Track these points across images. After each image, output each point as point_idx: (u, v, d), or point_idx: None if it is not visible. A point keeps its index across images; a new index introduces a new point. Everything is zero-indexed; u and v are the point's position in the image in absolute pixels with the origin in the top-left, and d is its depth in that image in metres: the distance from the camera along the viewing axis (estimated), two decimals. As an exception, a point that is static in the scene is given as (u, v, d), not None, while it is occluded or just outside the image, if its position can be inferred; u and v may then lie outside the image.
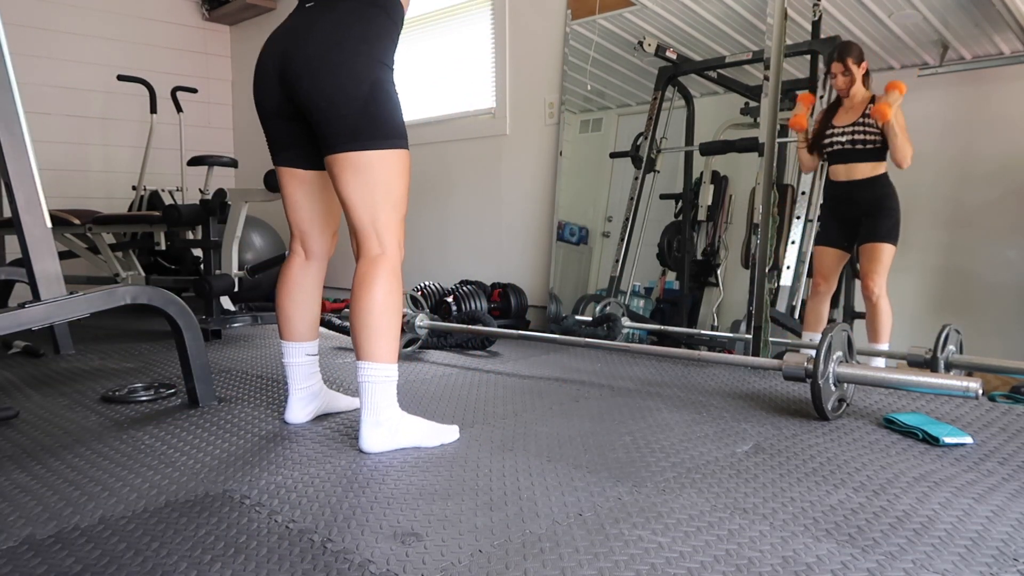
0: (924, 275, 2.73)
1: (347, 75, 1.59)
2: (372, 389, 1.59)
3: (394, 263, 1.64)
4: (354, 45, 1.61)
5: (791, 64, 2.91)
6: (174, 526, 1.21)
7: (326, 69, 1.59)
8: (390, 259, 1.64)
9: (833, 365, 1.85)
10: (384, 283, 1.61)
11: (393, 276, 1.63)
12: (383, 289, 1.61)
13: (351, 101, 1.58)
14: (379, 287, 1.61)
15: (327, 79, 1.59)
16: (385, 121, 1.61)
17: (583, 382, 2.37)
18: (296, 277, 1.84)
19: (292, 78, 1.63)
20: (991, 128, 2.59)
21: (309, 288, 1.85)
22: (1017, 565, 1.06)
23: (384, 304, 1.61)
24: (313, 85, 1.60)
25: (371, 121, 1.60)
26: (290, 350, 1.83)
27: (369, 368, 1.59)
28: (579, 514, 1.25)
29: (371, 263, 1.63)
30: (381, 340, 1.60)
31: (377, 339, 1.60)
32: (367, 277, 1.62)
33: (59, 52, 4.83)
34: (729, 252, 3.09)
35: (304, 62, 1.61)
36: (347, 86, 1.58)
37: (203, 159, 3.98)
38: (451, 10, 4.14)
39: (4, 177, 1.75)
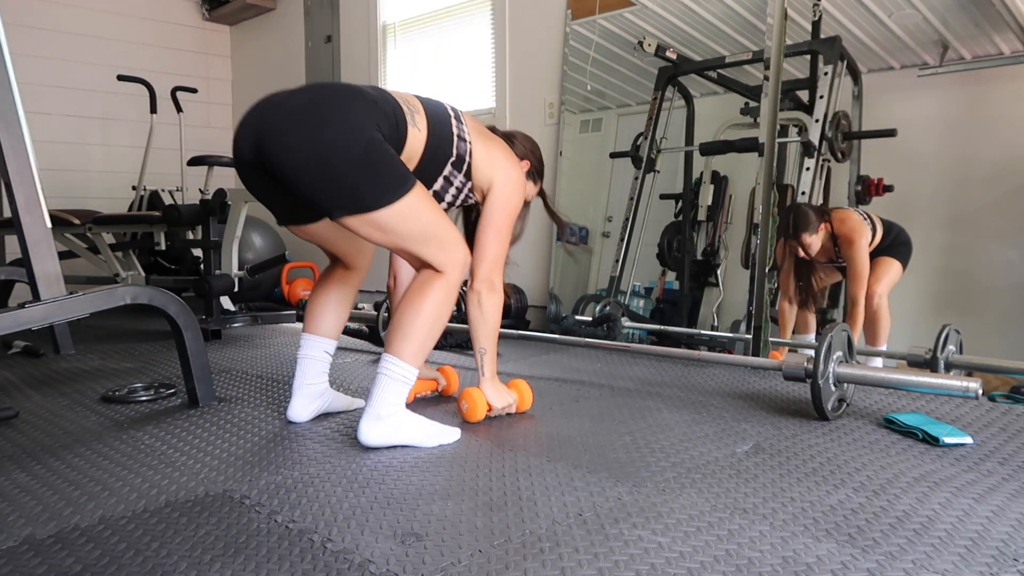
0: (924, 275, 2.73)
1: (337, 132, 1.46)
2: (387, 383, 1.59)
3: (452, 281, 1.63)
4: (349, 103, 1.52)
5: (791, 64, 2.91)
6: (174, 526, 1.21)
7: (314, 121, 1.47)
8: (449, 277, 1.63)
9: (833, 365, 1.85)
10: (437, 295, 1.61)
11: (448, 292, 1.63)
12: (434, 300, 1.61)
13: (345, 162, 1.46)
14: (431, 297, 1.61)
15: (315, 135, 1.46)
16: (386, 176, 1.52)
17: (583, 382, 2.37)
18: (339, 277, 1.88)
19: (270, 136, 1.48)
20: (991, 128, 2.59)
21: (345, 292, 1.88)
22: (1017, 565, 1.06)
23: (431, 313, 1.61)
24: (299, 140, 1.46)
25: (373, 181, 1.49)
26: (309, 343, 1.84)
27: (392, 363, 1.59)
28: (579, 514, 1.25)
29: (432, 275, 1.63)
30: (413, 343, 1.60)
31: (411, 341, 1.60)
32: (425, 284, 1.62)
33: (59, 52, 4.83)
34: (729, 252, 3.09)
35: (287, 115, 1.49)
36: (338, 144, 1.46)
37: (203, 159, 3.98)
38: (451, 10, 4.14)
39: (4, 177, 1.75)
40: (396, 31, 4.50)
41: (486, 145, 1.82)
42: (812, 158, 2.83)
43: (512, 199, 1.83)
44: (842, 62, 2.81)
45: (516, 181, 1.84)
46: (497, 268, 1.82)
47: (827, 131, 2.81)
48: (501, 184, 1.81)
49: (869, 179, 2.85)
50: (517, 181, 1.85)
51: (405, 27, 4.44)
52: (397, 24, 4.49)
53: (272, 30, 5.35)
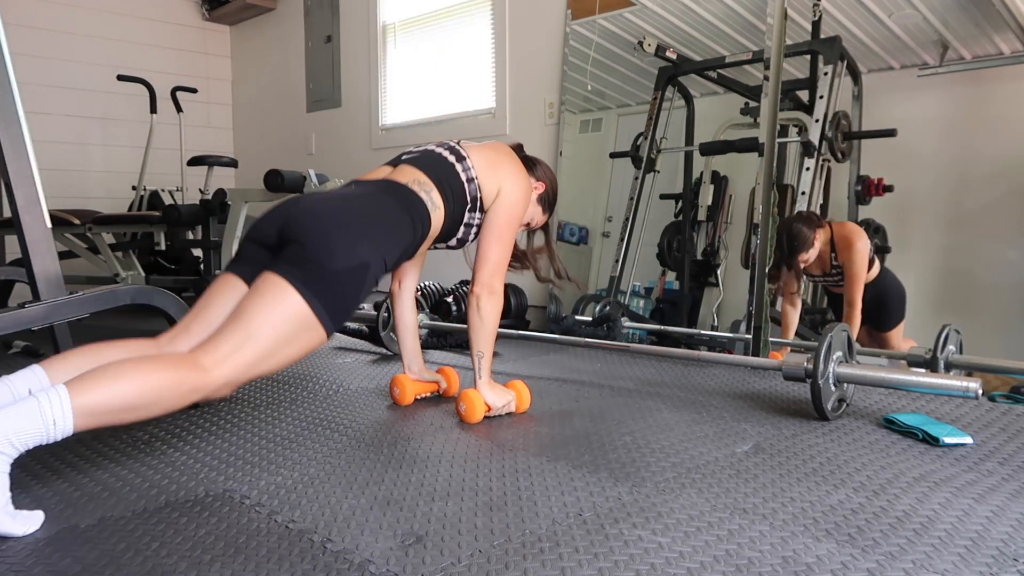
0: (924, 275, 2.73)
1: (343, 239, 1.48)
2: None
3: (189, 380, 1.31)
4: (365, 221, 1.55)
5: (791, 64, 2.91)
6: (174, 526, 1.21)
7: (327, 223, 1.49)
8: (201, 374, 1.33)
9: (833, 365, 1.85)
10: (157, 378, 1.29)
11: (175, 382, 1.30)
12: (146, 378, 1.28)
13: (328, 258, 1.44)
14: (144, 375, 1.28)
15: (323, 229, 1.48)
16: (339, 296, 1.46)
17: (583, 382, 2.37)
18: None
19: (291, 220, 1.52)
20: (991, 128, 2.59)
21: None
22: (1017, 565, 1.06)
23: (132, 387, 1.25)
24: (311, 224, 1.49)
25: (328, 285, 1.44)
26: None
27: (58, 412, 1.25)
28: (579, 514, 1.25)
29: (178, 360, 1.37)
30: (97, 395, 1.22)
31: (96, 392, 1.22)
32: (154, 361, 1.33)
33: (59, 52, 4.83)
34: (729, 252, 3.09)
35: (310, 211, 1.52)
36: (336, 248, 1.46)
37: (203, 159, 3.98)
38: (451, 10, 4.14)
39: (4, 177, 1.75)
40: (396, 31, 4.50)
41: (488, 163, 1.85)
42: (812, 158, 2.83)
43: (517, 206, 1.86)
44: (842, 62, 2.81)
45: (522, 189, 1.88)
46: (498, 273, 1.83)
47: (827, 131, 2.81)
48: (507, 192, 1.84)
49: (869, 179, 2.85)
50: (523, 189, 1.88)
51: (405, 27, 4.44)
52: (397, 24, 4.49)
53: (272, 30, 5.35)
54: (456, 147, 1.85)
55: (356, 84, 4.71)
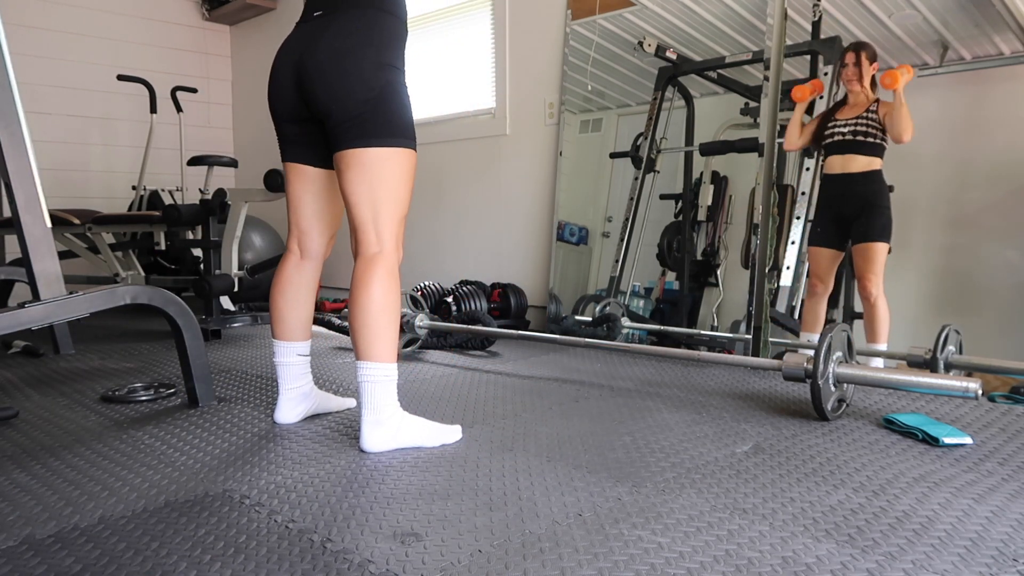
0: (924, 276, 2.73)
1: (357, 80, 1.62)
2: (372, 389, 1.59)
3: (391, 262, 1.65)
4: (363, 51, 1.64)
5: (791, 64, 2.91)
6: (174, 526, 1.21)
7: (337, 76, 1.63)
8: (387, 258, 1.64)
9: (833, 365, 1.85)
10: (381, 282, 1.61)
11: (390, 275, 1.63)
12: (381, 288, 1.61)
13: (362, 103, 1.62)
14: (377, 286, 1.61)
15: (338, 85, 1.62)
16: (393, 120, 1.64)
17: (583, 382, 2.37)
18: (291, 276, 1.83)
19: (307, 85, 1.67)
20: (991, 128, 2.59)
21: (303, 288, 1.84)
22: (1017, 565, 1.06)
23: (382, 303, 1.61)
24: (326, 92, 1.63)
25: (380, 119, 1.63)
26: (281, 350, 1.83)
27: (368, 368, 1.59)
28: (579, 514, 1.25)
29: (368, 261, 1.63)
30: (379, 339, 1.60)
31: (375, 338, 1.60)
32: (365, 276, 1.62)
33: (59, 52, 4.83)
34: (729, 252, 3.09)
35: (316, 70, 1.65)
36: (357, 90, 1.62)
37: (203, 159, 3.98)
38: (451, 10, 4.14)
39: (4, 177, 1.75)
40: (396, 31, 4.49)
41: None
42: (812, 158, 2.83)
43: None
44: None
45: None
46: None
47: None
48: None
49: (869, 179, 2.85)
50: None
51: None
52: (397, 24, 4.48)
53: (272, 30, 5.35)
54: None
55: (356, 84, 4.70)
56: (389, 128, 1.64)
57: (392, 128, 1.64)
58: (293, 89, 1.71)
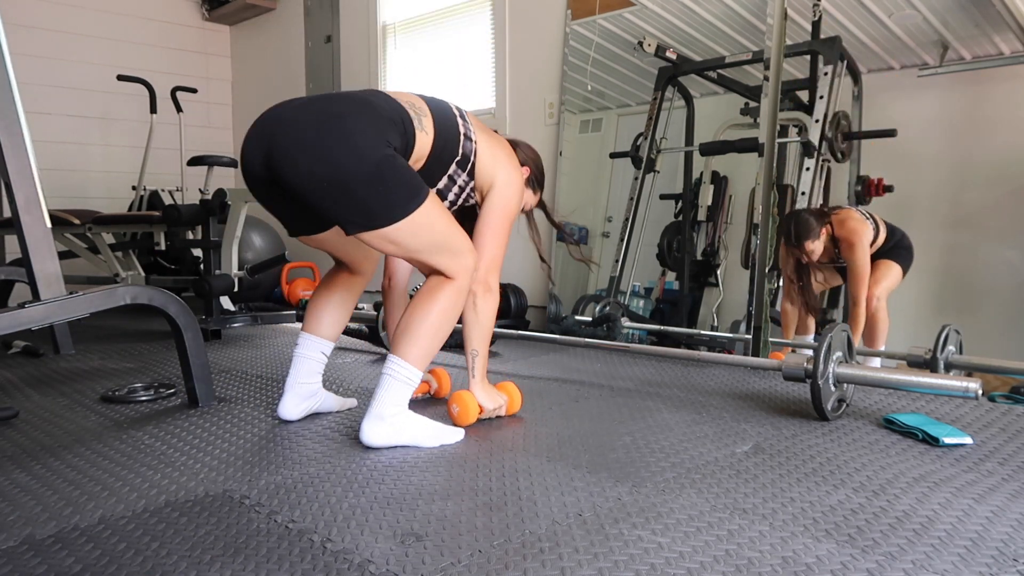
0: (924, 276, 2.73)
1: (350, 151, 1.47)
2: (390, 384, 1.60)
3: (461, 288, 1.65)
4: (355, 120, 1.52)
5: (791, 64, 2.91)
6: (174, 526, 1.21)
7: (325, 141, 1.47)
8: (459, 283, 1.64)
9: (833, 365, 1.85)
10: (446, 300, 1.63)
11: (456, 298, 1.64)
12: (443, 304, 1.62)
13: (357, 182, 1.48)
14: (440, 302, 1.62)
15: (327, 156, 1.47)
16: (399, 192, 1.52)
17: (583, 382, 2.37)
18: (343, 281, 1.89)
19: (281, 157, 1.50)
20: (991, 128, 2.59)
21: (349, 295, 1.90)
22: (1017, 565, 1.06)
23: (438, 317, 1.62)
24: (311, 161, 1.47)
25: (386, 199, 1.50)
26: (307, 342, 1.84)
27: (397, 364, 1.60)
28: (579, 514, 1.25)
29: (442, 280, 1.64)
30: (419, 346, 1.61)
31: (416, 343, 1.60)
32: (434, 289, 1.63)
33: (59, 52, 4.83)
34: (729, 252, 3.09)
35: (297, 134, 1.49)
36: (350, 164, 1.47)
37: (203, 159, 3.98)
38: (451, 10, 4.14)
39: (4, 177, 1.75)
40: (396, 31, 4.50)
41: (491, 144, 1.82)
42: (812, 158, 2.83)
43: (512, 199, 1.84)
44: (842, 62, 2.81)
45: (517, 183, 1.85)
46: (494, 270, 1.82)
47: (827, 131, 2.81)
48: (502, 185, 1.82)
49: (869, 179, 2.85)
50: (517, 184, 1.86)
51: (405, 27, 4.44)
52: (397, 24, 4.49)
53: (272, 30, 5.35)
54: (464, 111, 1.83)
55: (356, 84, 4.71)
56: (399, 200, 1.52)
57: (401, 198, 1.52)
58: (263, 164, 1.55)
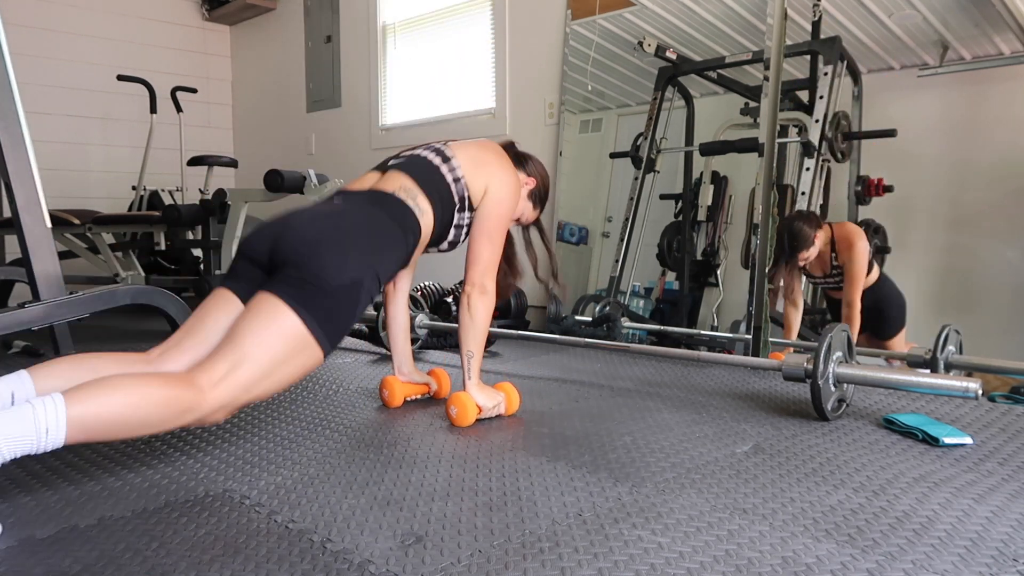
0: (924, 276, 2.73)
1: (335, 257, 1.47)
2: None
3: (184, 399, 1.28)
4: (356, 238, 1.54)
5: (791, 64, 2.91)
6: (174, 526, 1.21)
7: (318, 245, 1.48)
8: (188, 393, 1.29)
9: (833, 365, 1.85)
10: (149, 396, 1.25)
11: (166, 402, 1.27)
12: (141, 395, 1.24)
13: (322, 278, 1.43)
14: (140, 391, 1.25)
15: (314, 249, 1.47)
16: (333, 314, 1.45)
17: (583, 382, 2.37)
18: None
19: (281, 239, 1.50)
20: (991, 129, 2.59)
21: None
22: (1017, 565, 1.06)
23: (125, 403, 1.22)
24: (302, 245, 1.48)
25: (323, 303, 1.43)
26: None
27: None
28: (579, 514, 1.25)
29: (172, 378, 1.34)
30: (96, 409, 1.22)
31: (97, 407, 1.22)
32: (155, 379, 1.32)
33: (59, 52, 4.83)
34: (729, 252, 3.09)
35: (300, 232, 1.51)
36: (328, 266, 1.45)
37: (203, 159, 3.98)
38: (451, 10, 4.14)
39: (4, 177, 1.75)
40: (396, 31, 4.50)
41: (475, 161, 1.83)
42: (812, 158, 2.83)
43: (504, 203, 1.84)
44: (842, 62, 2.81)
45: (510, 186, 1.86)
46: (489, 273, 1.83)
47: (827, 131, 2.81)
48: (495, 190, 1.82)
49: (869, 179, 2.85)
50: (511, 186, 1.86)
51: (405, 27, 4.44)
52: (397, 24, 4.49)
53: (272, 30, 5.35)
54: (442, 148, 1.83)
55: (356, 84, 4.71)
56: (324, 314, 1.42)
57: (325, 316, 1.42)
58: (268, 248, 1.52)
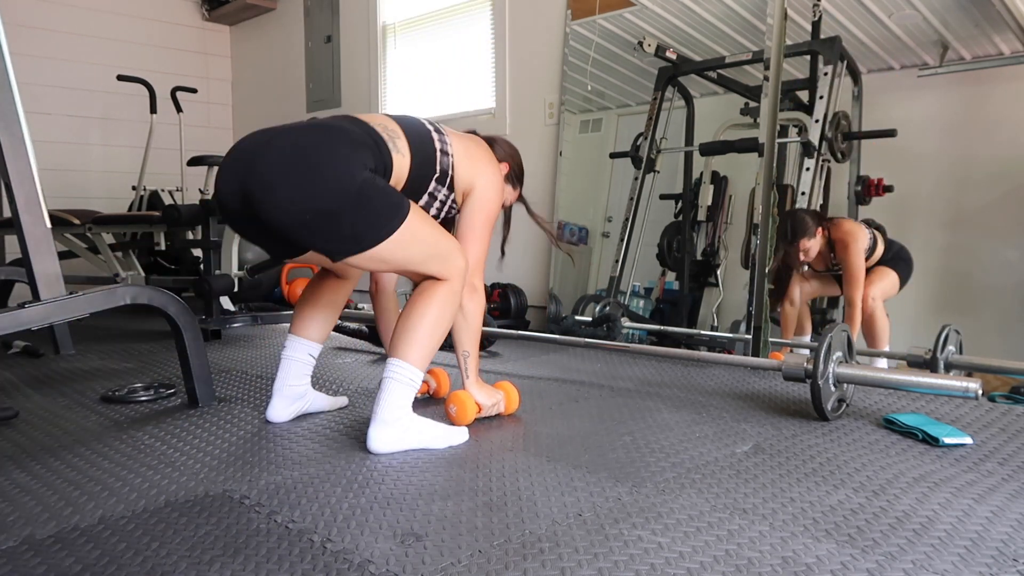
0: (924, 276, 2.73)
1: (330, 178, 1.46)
2: (392, 387, 1.59)
3: (455, 289, 1.64)
4: (330, 147, 1.50)
5: (791, 64, 2.91)
6: (174, 526, 1.21)
7: (303, 174, 1.45)
8: (452, 284, 1.64)
9: (833, 365, 1.85)
10: (441, 300, 1.62)
11: (451, 298, 1.64)
12: (438, 304, 1.62)
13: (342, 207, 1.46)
14: (435, 302, 1.62)
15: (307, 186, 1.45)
16: (383, 211, 1.52)
17: (583, 382, 2.37)
18: (330, 285, 1.89)
19: (259, 190, 1.46)
20: (991, 128, 2.59)
21: (337, 298, 1.89)
22: (1017, 565, 1.06)
23: (435, 317, 1.62)
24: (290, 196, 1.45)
25: (370, 220, 1.50)
26: (295, 345, 1.84)
27: (398, 366, 1.59)
28: (579, 514, 1.25)
29: (435, 283, 1.64)
30: (419, 346, 1.60)
31: (415, 343, 1.60)
32: (429, 290, 1.63)
33: (59, 52, 4.83)
34: (729, 252, 3.09)
35: (273, 169, 1.46)
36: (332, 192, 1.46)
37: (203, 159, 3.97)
38: (451, 10, 4.14)
39: (4, 177, 1.75)
40: (396, 31, 4.50)
41: (467, 151, 1.82)
42: (812, 158, 2.83)
43: (492, 202, 1.84)
44: (842, 62, 2.81)
45: (496, 185, 1.85)
46: (478, 271, 1.82)
47: (827, 131, 2.81)
48: (483, 187, 1.82)
49: (869, 179, 2.85)
50: (497, 185, 1.86)
51: (405, 27, 4.44)
52: (397, 24, 4.49)
53: (272, 30, 5.35)
54: (438, 126, 1.83)
55: (356, 84, 4.71)
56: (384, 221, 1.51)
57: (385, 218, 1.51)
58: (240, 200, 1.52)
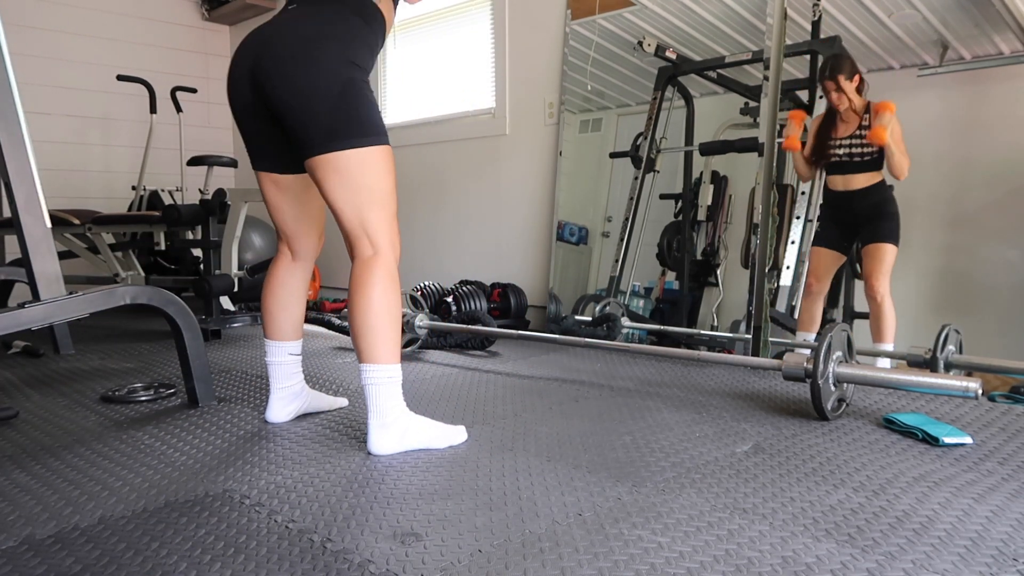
0: (924, 275, 2.73)
1: (318, 72, 1.56)
2: (376, 391, 1.58)
3: (388, 262, 1.62)
4: (325, 43, 1.58)
5: (791, 64, 2.91)
6: (174, 526, 1.21)
7: (296, 66, 1.56)
8: (383, 259, 1.61)
9: (833, 365, 1.85)
10: (380, 283, 1.59)
11: (388, 276, 1.61)
12: (379, 289, 1.59)
13: (323, 99, 1.55)
14: (375, 288, 1.59)
15: (297, 77, 1.56)
16: (361, 119, 1.58)
17: (583, 382, 2.37)
18: (282, 277, 1.84)
19: (262, 77, 1.60)
20: (991, 128, 2.59)
21: (294, 288, 1.85)
22: (1017, 565, 1.06)
23: (382, 305, 1.59)
24: (284, 84, 1.57)
25: (346, 119, 1.57)
26: (273, 349, 1.83)
27: (371, 370, 1.59)
28: (579, 514, 1.25)
29: (365, 265, 1.61)
30: (380, 341, 1.59)
31: (376, 340, 1.59)
32: (361, 279, 1.60)
33: (59, 52, 4.83)
34: (729, 252, 3.08)
35: (274, 61, 1.58)
36: (318, 84, 1.55)
37: (203, 159, 3.98)
38: (451, 10, 4.14)
39: (4, 177, 1.75)
40: (396, 31, 4.49)
41: None
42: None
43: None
44: (842, 62, 2.81)
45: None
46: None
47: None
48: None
49: (869, 179, 2.85)
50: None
51: (405, 27, 4.44)
52: (397, 24, 4.48)
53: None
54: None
55: (356, 84, 4.70)
56: (358, 127, 1.57)
57: (361, 127, 1.57)
58: (249, 82, 1.64)
